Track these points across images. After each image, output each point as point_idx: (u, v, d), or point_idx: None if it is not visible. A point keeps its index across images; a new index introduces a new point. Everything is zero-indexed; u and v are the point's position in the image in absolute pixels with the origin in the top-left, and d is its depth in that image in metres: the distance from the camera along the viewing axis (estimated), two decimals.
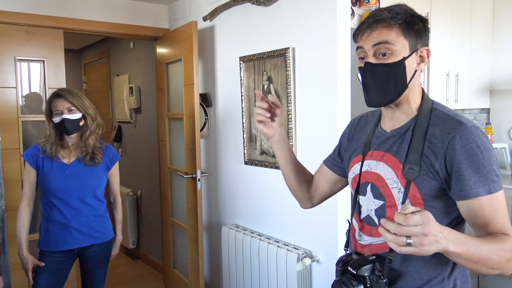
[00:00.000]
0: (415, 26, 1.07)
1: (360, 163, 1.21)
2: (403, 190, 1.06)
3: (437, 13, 2.91)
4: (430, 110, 1.10)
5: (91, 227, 2.21)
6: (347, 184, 1.38)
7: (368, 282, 1.05)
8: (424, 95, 1.14)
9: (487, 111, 3.80)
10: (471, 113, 3.73)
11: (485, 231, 1.01)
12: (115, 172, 2.34)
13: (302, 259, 2.32)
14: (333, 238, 2.24)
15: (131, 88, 4.28)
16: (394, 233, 0.84)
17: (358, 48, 1.11)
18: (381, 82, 1.07)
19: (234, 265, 2.79)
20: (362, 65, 1.10)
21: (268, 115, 1.26)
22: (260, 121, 1.27)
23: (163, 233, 3.59)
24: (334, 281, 1.11)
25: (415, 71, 1.09)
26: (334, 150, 1.40)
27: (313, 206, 1.47)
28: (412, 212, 0.84)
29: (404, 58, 1.06)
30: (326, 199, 1.45)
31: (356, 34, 1.12)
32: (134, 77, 4.33)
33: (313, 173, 1.46)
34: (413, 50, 1.07)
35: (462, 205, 1.03)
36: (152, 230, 4.20)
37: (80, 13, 3.10)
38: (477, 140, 1.01)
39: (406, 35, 1.06)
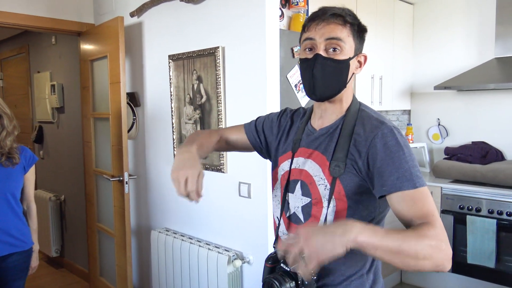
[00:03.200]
0: (362, 32, 1.15)
1: (289, 160, 1.22)
2: (329, 187, 1.09)
3: (361, 17, 3.02)
4: (357, 110, 1.15)
5: (9, 234, 2.02)
6: (250, 151, 1.43)
7: (300, 279, 1.06)
8: (353, 97, 1.19)
9: (408, 112, 4.04)
10: (394, 114, 3.95)
11: (412, 225, 0.99)
12: (31, 176, 2.18)
13: (232, 261, 2.30)
14: (264, 239, 2.25)
15: (53, 86, 4.01)
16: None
17: (307, 39, 1.12)
18: (328, 76, 1.10)
19: (164, 270, 2.70)
20: (309, 56, 1.11)
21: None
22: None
23: (88, 240, 3.40)
24: (266, 278, 1.09)
25: (353, 73, 1.15)
26: (258, 125, 1.38)
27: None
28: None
29: (350, 58, 1.11)
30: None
31: (308, 25, 1.12)
32: (57, 74, 4.06)
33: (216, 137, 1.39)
34: (356, 53, 1.13)
35: (389, 200, 1.03)
36: (77, 237, 3.97)
37: None
38: (397, 138, 1.04)
39: (354, 37, 1.11)
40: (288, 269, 1.07)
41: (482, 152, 3.41)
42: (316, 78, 1.11)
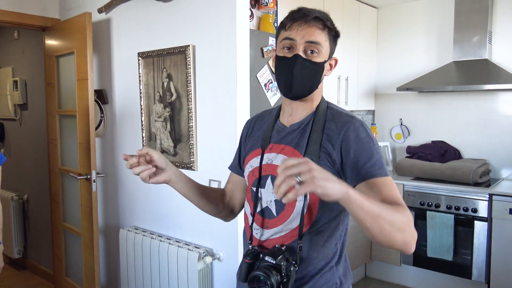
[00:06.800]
0: (337, 38, 1.21)
1: (259, 156, 1.24)
2: None
3: None
4: (326, 108, 1.21)
5: None
6: None
7: (284, 271, 1.09)
8: (321, 96, 1.26)
9: (372, 112, 4.18)
10: (359, 114, 4.07)
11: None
12: None
13: (203, 257, 2.32)
14: (234, 235, 2.28)
15: (15, 82, 3.89)
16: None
17: (287, 38, 1.14)
18: (305, 76, 1.15)
19: (133, 269, 2.69)
20: (288, 55, 1.14)
21: (150, 166, 1.17)
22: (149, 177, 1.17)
23: (53, 240, 3.33)
24: (252, 273, 1.11)
25: (324, 75, 1.21)
26: (235, 156, 1.43)
27: (236, 215, 1.49)
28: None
29: (325, 61, 1.17)
30: None
31: (289, 24, 1.14)
32: (19, 70, 3.94)
33: (222, 187, 1.48)
34: (329, 57, 1.20)
35: (360, 189, 1.06)
36: (41, 237, 3.86)
37: None
38: (368, 131, 1.13)
39: (330, 42, 1.17)
40: (274, 263, 1.10)
41: (441, 151, 3.58)
42: (295, 77, 1.14)
